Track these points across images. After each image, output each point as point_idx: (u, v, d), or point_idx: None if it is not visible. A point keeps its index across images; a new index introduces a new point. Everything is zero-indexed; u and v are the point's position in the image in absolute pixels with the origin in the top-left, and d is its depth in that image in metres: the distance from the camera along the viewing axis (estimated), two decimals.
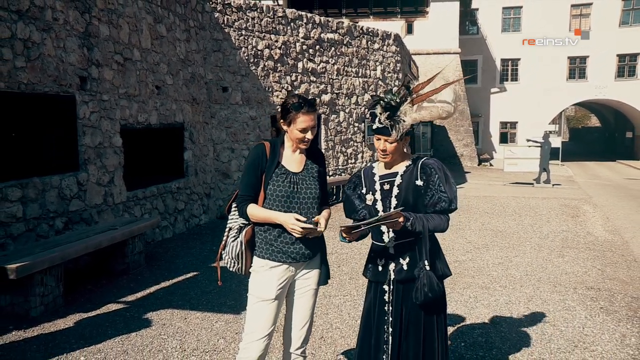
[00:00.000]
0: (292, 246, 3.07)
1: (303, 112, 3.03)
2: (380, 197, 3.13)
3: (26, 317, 5.39)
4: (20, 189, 6.29)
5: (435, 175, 3.03)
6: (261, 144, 3.16)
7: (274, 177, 3.06)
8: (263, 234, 3.11)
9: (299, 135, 3.06)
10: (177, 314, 5.61)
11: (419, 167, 3.08)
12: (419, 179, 3.06)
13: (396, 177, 3.11)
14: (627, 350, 4.86)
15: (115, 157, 8.13)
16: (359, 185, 3.29)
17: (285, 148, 3.17)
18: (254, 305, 3.10)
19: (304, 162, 3.18)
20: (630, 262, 8.18)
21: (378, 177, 3.19)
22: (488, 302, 6.14)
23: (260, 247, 3.13)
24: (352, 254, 8.35)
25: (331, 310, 5.78)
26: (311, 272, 3.22)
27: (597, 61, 33.83)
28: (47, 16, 6.71)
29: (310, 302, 3.23)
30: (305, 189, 3.11)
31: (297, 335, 3.21)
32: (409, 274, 3.04)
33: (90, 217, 7.47)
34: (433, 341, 3.02)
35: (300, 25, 13.82)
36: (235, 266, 3.17)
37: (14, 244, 6.14)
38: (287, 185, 3.06)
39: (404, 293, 3.07)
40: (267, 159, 3.10)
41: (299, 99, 3.06)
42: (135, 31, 8.62)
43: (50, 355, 4.58)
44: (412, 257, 3.07)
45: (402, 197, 3.07)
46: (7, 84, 6.10)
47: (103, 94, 7.78)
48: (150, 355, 4.60)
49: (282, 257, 3.08)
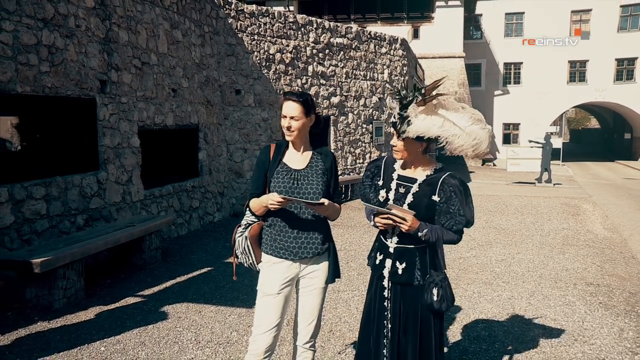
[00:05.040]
0: (294, 241, 3.07)
1: (285, 98, 3.09)
2: (393, 197, 3.04)
3: (50, 308, 5.44)
4: (44, 188, 6.35)
5: (455, 198, 2.89)
6: (268, 146, 3.21)
7: (275, 175, 3.10)
8: (268, 229, 3.15)
9: (282, 122, 3.10)
10: (192, 307, 5.64)
11: (440, 183, 2.93)
12: (437, 195, 2.93)
13: (414, 184, 3.00)
14: (625, 343, 4.86)
15: (133, 157, 8.18)
16: (377, 175, 3.18)
17: (290, 148, 3.19)
18: (260, 300, 3.12)
19: (309, 160, 3.18)
20: (629, 258, 8.15)
21: (397, 174, 3.09)
22: (491, 297, 6.14)
23: (265, 243, 3.15)
24: (360, 250, 8.36)
25: (340, 304, 5.79)
26: (318, 271, 3.18)
27: (596, 65, 33.76)
28: (70, 23, 6.77)
29: (317, 300, 3.20)
30: (307, 184, 3.10)
31: (304, 330, 3.21)
32: (403, 278, 2.98)
33: (109, 215, 7.53)
34: (430, 338, 2.98)
35: (311, 30, 13.83)
36: (247, 262, 3.21)
37: (38, 239, 6.20)
38: (287, 181, 3.07)
39: (401, 292, 3.01)
40: (270, 158, 3.16)
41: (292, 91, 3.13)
42: (153, 37, 8.67)
43: (73, 345, 4.63)
44: (409, 264, 2.98)
45: (414, 207, 2.94)
46: (33, 88, 6.15)
47: (122, 96, 7.83)
48: (166, 347, 4.63)
49: (284, 254, 3.08)
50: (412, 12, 31.31)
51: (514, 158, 26.31)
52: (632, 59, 33.41)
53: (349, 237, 9.38)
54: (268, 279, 3.11)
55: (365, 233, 9.69)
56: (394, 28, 29.37)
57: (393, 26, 30.28)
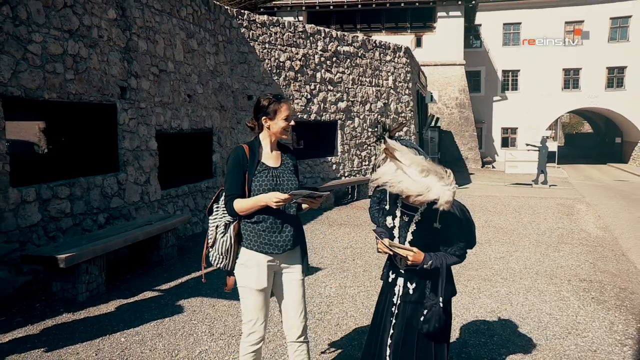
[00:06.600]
0: (279, 235, 3.05)
1: (284, 101, 3.06)
2: (398, 224, 3.00)
3: (74, 301, 5.48)
4: (68, 188, 6.39)
5: (454, 225, 2.85)
6: (240, 147, 3.11)
7: (256, 174, 3.04)
8: (252, 225, 3.06)
9: (283, 124, 3.07)
10: (206, 301, 5.66)
11: (440, 211, 2.78)
12: (437, 222, 2.86)
13: (416, 213, 2.93)
14: (615, 336, 4.86)
15: (151, 159, 8.21)
16: (383, 200, 3.17)
17: (263, 147, 3.14)
18: (250, 296, 3.08)
19: (280, 158, 3.18)
20: (619, 256, 8.12)
21: (401, 202, 3.00)
22: (490, 292, 6.12)
23: (248, 239, 3.07)
24: (365, 248, 8.36)
25: (346, 300, 5.79)
26: (294, 266, 3.18)
27: (589, 73, 33.83)
28: (94, 34, 6.81)
29: (301, 291, 3.19)
30: (286, 181, 3.10)
31: (296, 323, 3.17)
32: (414, 297, 2.94)
33: (128, 213, 7.56)
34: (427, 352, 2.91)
35: (319, 39, 13.84)
36: (223, 262, 3.12)
37: (63, 236, 6.25)
38: (270, 179, 3.04)
39: (409, 310, 2.96)
40: (247, 159, 3.06)
41: (272, 94, 3.09)
42: (170, 46, 8.70)
43: (95, 336, 4.66)
44: (419, 284, 2.94)
45: (417, 235, 2.91)
46: (59, 95, 6.20)
47: (141, 102, 7.87)
48: (182, 339, 4.65)
49: (269, 249, 3.04)
50: (415, 22, 31.25)
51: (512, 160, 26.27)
52: (622, 68, 33.53)
53: (354, 235, 9.38)
54: (254, 274, 3.06)
55: (371, 232, 9.68)
56: (397, 37, 29.35)
57: (397, 35, 30.23)
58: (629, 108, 33.13)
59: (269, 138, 3.14)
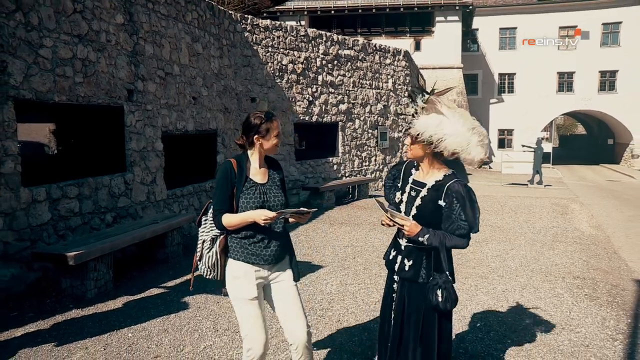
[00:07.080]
0: (266, 249, 3.03)
1: (275, 119, 3.05)
2: (406, 199, 3.03)
3: (83, 298, 5.51)
4: (77, 188, 6.41)
5: (457, 204, 2.82)
6: (228, 161, 3.05)
7: (244, 190, 3.00)
8: (240, 240, 3.04)
9: (275, 141, 3.05)
10: (210, 298, 5.67)
11: (445, 189, 2.86)
12: (442, 200, 2.87)
13: (424, 188, 2.96)
14: (607, 331, 4.89)
15: (157, 159, 8.23)
16: (397, 177, 3.20)
17: (251, 163, 3.09)
18: (244, 307, 3.02)
19: (267, 173, 3.14)
20: (611, 254, 8.14)
21: (412, 179, 3.07)
22: (487, 290, 6.15)
23: (235, 251, 3.04)
24: (365, 246, 8.38)
25: (347, 297, 5.81)
26: (284, 274, 3.16)
27: (582, 77, 33.97)
28: (102, 38, 6.84)
29: (296, 295, 3.16)
30: (273, 197, 3.07)
31: (300, 326, 3.10)
32: (409, 275, 2.97)
33: (135, 213, 7.59)
34: (431, 332, 2.94)
35: (320, 42, 13.86)
36: (211, 274, 3.11)
37: (72, 235, 6.27)
38: (257, 196, 3.01)
39: (408, 288, 3.00)
40: (235, 174, 3.01)
41: (262, 112, 3.05)
42: (176, 49, 8.73)
43: (104, 331, 4.69)
44: (416, 262, 2.96)
45: (421, 210, 2.93)
46: (68, 97, 6.23)
47: (147, 104, 7.90)
48: (187, 334, 4.68)
49: (256, 260, 3.02)
50: (414, 26, 31.32)
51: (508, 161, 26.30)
52: (614, 72, 33.67)
53: (355, 234, 9.40)
54: (245, 285, 3.03)
55: (371, 230, 9.71)
56: (397, 41, 29.41)
57: (396, 39, 30.28)
58: (621, 110, 33.24)
59: (259, 154, 3.10)
